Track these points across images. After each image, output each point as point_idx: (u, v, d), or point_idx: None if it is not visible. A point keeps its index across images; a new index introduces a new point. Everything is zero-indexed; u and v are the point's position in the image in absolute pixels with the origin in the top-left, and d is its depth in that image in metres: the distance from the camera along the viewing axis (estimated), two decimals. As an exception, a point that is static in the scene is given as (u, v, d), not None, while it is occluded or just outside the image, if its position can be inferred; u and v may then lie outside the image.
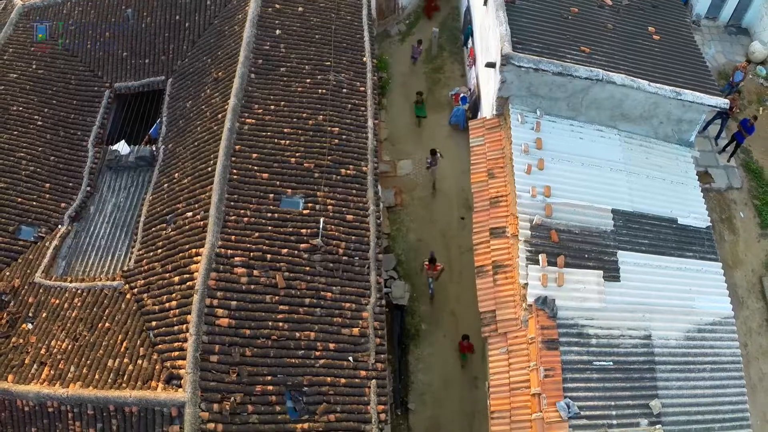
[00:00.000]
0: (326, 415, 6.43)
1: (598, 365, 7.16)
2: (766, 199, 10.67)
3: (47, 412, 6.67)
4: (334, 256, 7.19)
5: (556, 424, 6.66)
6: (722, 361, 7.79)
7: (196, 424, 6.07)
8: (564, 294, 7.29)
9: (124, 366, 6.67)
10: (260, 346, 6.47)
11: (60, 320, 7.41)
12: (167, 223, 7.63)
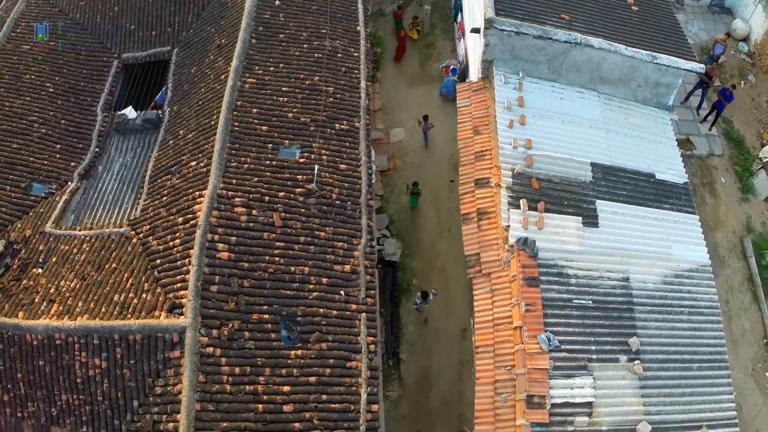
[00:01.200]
0: (318, 344, 7.03)
1: (578, 303, 7.76)
2: (746, 166, 11.34)
3: (55, 344, 7.29)
4: (328, 200, 7.87)
5: (537, 356, 7.23)
6: (700, 306, 8.37)
7: (195, 348, 6.67)
8: (544, 237, 7.93)
9: (129, 300, 7.30)
10: (257, 278, 7.09)
11: (69, 263, 8.08)
12: (172, 174, 8.33)
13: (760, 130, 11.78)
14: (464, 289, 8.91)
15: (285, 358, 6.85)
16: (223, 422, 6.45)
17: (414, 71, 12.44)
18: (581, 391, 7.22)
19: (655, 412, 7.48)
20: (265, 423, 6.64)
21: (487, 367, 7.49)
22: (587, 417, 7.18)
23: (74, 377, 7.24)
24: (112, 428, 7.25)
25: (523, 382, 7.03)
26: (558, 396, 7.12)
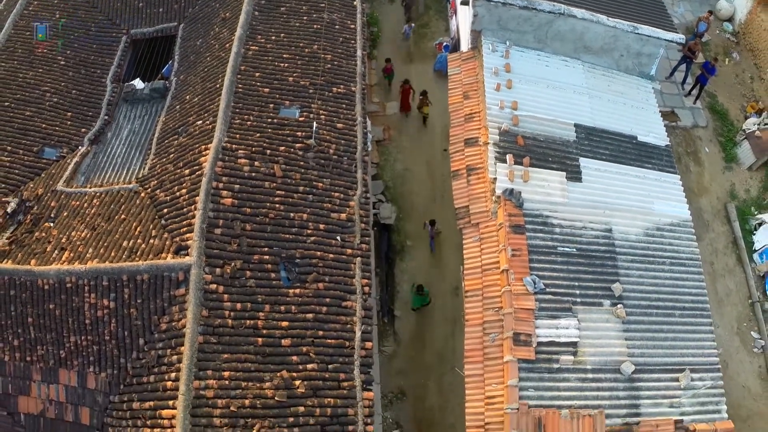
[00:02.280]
0: (316, 284, 7.63)
1: (562, 251, 8.34)
2: (730, 136, 12.04)
3: (65, 287, 7.90)
4: (326, 154, 8.55)
5: (523, 297, 7.78)
6: (681, 257, 8.96)
7: (199, 285, 7.27)
8: (529, 189, 8.54)
9: (137, 245, 7.92)
10: (259, 223, 7.73)
11: (80, 217, 8.72)
12: (179, 134, 9.03)
13: (743, 104, 12.50)
14: (456, 250, 9.47)
15: (284, 296, 7.45)
16: (224, 354, 7.07)
17: (409, 49, 13.24)
18: (566, 332, 7.78)
19: (639, 354, 8.01)
20: (264, 355, 7.19)
21: (476, 309, 8.06)
22: (572, 356, 7.72)
23: (83, 319, 7.84)
24: (118, 367, 7.83)
25: (510, 321, 7.58)
26: (543, 335, 7.66)
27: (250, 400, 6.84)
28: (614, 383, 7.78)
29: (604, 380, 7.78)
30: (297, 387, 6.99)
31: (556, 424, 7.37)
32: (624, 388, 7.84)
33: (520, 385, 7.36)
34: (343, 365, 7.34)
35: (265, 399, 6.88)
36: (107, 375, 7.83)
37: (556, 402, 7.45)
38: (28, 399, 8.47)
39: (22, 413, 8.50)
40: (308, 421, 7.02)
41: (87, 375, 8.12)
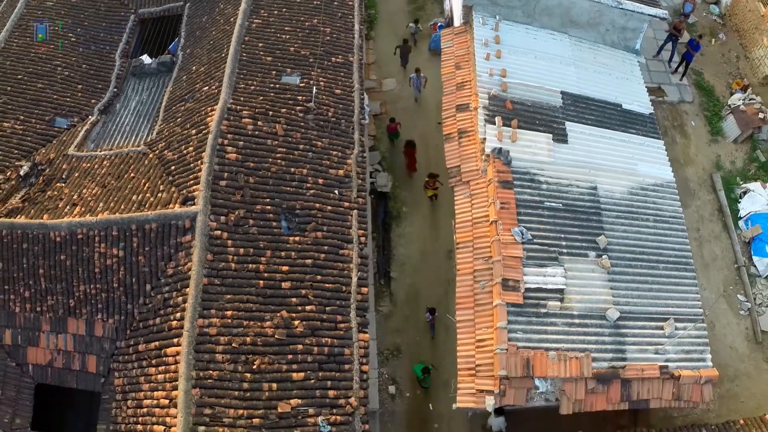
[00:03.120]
0: (314, 233, 8.24)
1: (549, 205, 9.00)
2: (716, 111, 12.73)
3: (76, 239, 8.50)
4: (324, 117, 9.26)
5: (511, 245, 8.41)
6: (664, 215, 9.64)
7: (205, 231, 7.88)
8: (517, 149, 9.25)
9: (146, 198, 8.55)
10: (261, 176, 8.37)
11: (90, 176, 9.38)
12: (186, 101, 9.74)
13: (729, 81, 13.22)
14: (451, 216, 10.07)
15: (284, 243, 8.06)
16: (227, 295, 7.64)
17: (405, 29, 13.97)
18: (553, 279, 8.38)
19: (624, 303, 8.61)
20: (265, 297, 7.77)
21: (467, 259, 8.67)
22: (559, 302, 8.32)
23: (93, 268, 8.42)
24: (125, 313, 8.42)
25: (499, 268, 8.18)
26: (531, 282, 8.26)
27: (251, 338, 7.41)
28: (600, 329, 8.38)
29: (590, 326, 8.38)
30: (296, 327, 7.56)
31: (544, 364, 7.92)
32: (610, 334, 8.43)
33: (508, 327, 7.96)
34: (340, 308, 7.91)
35: (265, 337, 7.45)
36: (114, 321, 8.41)
37: (544, 344, 8.03)
38: (36, 350, 9.03)
39: (31, 364, 9.05)
40: (306, 358, 7.56)
41: (95, 323, 8.71)
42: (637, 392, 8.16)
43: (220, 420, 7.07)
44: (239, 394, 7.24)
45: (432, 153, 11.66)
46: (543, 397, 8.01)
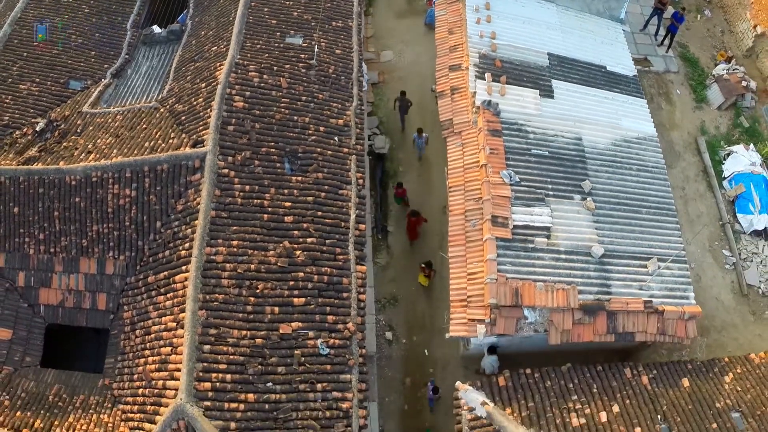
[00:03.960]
0: (315, 174, 9.05)
1: (536, 153, 9.82)
2: (700, 80, 13.67)
3: (91, 182, 9.32)
4: (325, 73, 10.17)
5: (500, 186, 9.20)
6: (647, 166, 10.47)
7: (214, 169, 8.70)
8: (506, 102, 10.15)
9: (158, 145, 9.40)
10: (266, 123, 9.24)
11: (104, 129, 10.24)
12: (195, 61, 10.66)
13: (713, 54, 14.21)
14: (445, 177, 10.85)
15: (287, 182, 8.87)
16: (233, 226, 8.38)
17: (402, 6, 15.03)
18: (540, 218, 9.15)
19: (608, 242, 9.37)
20: (269, 229, 8.55)
21: (458, 201, 9.44)
22: (546, 238, 9.07)
23: (106, 208, 9.22)
24: (135, 249, 9.19)
25: (489, 206, 8.96)
26: (519, 220, 9.03)
27: (255, 265, 8.17)
28: (585, 264, 9.13)
29: (576, 261, 9.13)
30: (297, 256, 8.32)
31: (532, 294, 8.63)
32: (595, 270, 9.17)
33: (498, 260, 8.70)
34: (339, 241, 8.68)
35: (268, 264, 8.21)
36: (125, 257, 9.17)
37: (532, 277, 8.76)
38: (48, 291, 9.77)
39: (42, 305, 9.79)
40: (307, 285, 8.30)
41: (106, 261, 9.47)
42: (622, 325, 8.85)
43: (225, 340, 7.77)
44: (243, 316, 7.97)
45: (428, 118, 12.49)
46: (532, 328, 8.70)
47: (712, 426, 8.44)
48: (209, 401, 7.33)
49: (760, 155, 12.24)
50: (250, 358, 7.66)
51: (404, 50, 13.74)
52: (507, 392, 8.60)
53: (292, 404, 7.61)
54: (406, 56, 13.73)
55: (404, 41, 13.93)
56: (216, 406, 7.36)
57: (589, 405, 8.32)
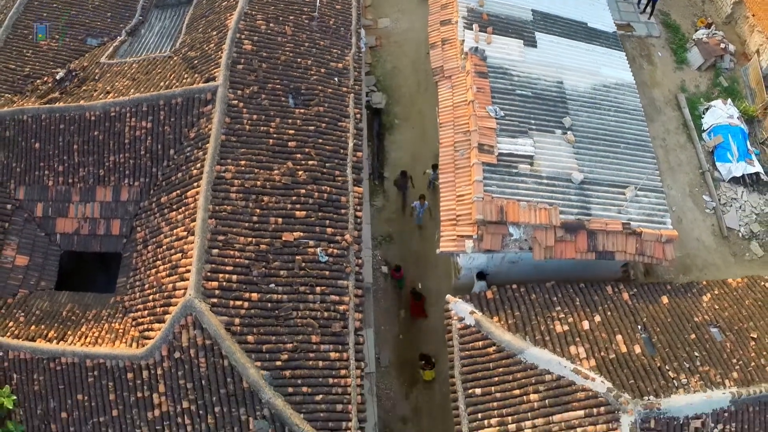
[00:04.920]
0: (317, 107, 10.27)
1: (520, 93, 11.06)
2: (681, 44, 15.16)
3: (110, 116, 10.56)
4: (326, 24, 11.53)
5: (486, 119, 10.40)
6: (625, 107, 11.75)
7: (224, 100, 9.93)
8: (492, 49, 11.51)
9: (172, 84, 10.67)
10: (272, 63, 10.56)
11: (121, 75, 11.52)
12: (206, 16, 12.03)
13: (694, 20, 15.71)
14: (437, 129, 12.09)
15: (291, 113, 10.12)
16: (241, 149, 9.51)
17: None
18: (523, 147, 10.32)
19: (588, 171, 10.53)
20: (274, 152, 9.73)
21: (448, 134, 10.62)
22: (529, 165, 10.22)
23: (123, 140, 10.42)
24: (150, 175, 10.34)
25: (476, 136, 10.14)
26: (504, 149, 10.21)
27: (261, 182, 9.32)
28: (566, 189, 10.27)
29: (558, 186, 10.26)
30: (300, 175, 9.46)
31: (516, 211, 9.72)
32: (575, 194, 10.30)
33: (484, 182, 9.85)
34: (338, 165, 9.85)
35: (273, 181, 9.36)
36: (140, 183, 10.32)
37: (515, 197, 9.86)
38: (65, 220, 10.87)
39: (59, 233, 10.87)
40: (308, 201, 9.43)
41: (121, 188, 10.60)
42: (602, 244, 9.89)
43: (232, 245, 8.85)
44: (249, 225, 9.10)
45: (422, 77, 13.93)
46: (517, 245, 9.74)
47: (690, 336, 9.42)
48: (216, 299, 8.38)
49: (738, 109, 13.57)
50: (254, 261, 8.75)
51: (400, 18, 15.26)
52: (494, 304, 9.62)
53: (293, 304, 8.67)
54: (402, 24, 15.25)
55: (400, 10, 15.48)
56: (222, 303, 8.42)
57: (572, 315, 9.34)
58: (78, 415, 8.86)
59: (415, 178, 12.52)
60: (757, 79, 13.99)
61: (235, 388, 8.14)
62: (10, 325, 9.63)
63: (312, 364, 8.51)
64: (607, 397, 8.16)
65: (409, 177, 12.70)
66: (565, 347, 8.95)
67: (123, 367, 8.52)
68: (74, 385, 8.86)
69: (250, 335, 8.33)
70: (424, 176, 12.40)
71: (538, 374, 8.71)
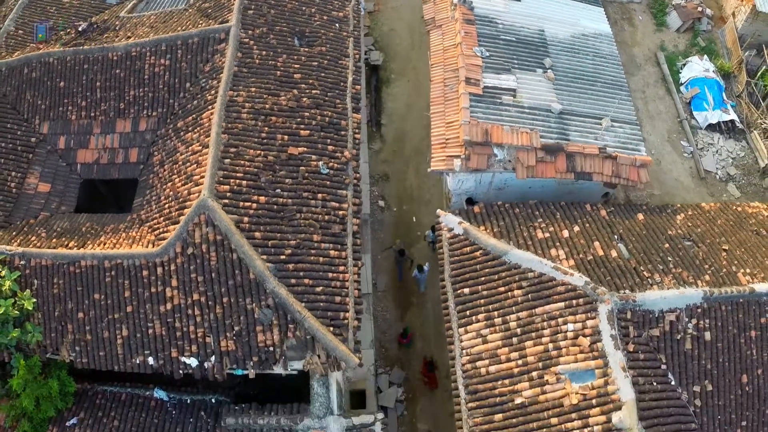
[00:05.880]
0: (319, 47, 11.85)
1: (504, 38, 12.66)
2: (661, 8, 17.02)
3: (131, 56, 12.15)
4: (328, -22, 13.35)
5: (472, 57, 11.93)
6: (603, 54, 13.37)
7: (237, 39, 11.54)
8: (478, 2, 13.14)
9: (188, 29, 12.30)
10: (280, 10, 12.30)
11: (140, 24, 13.16)
12: (216, -22, 13.83)
13: (673, -10, 17.59)
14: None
15: (296, 51, 11.71)
16: (251, 78, 10.99)
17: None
18: (506, 82, 11.86)
19: (566, 104, 11.98)
20: (281, 82, 11.25)
21: (438, 73, 12.18)
22: (512, 97, 11.68)
23: (143, 76, 11.99)
24: (167, 106, 11.79)
25: (463, 71, 11.72)
26: (489, 82, 11.75)
27: (269, 105, 10.80)
28: (546, 118, 11.80)
29: (538, 115, 11.76)
30: (304, 101, 10.91)
31: (500, 134, 11.15)
32: (555, 122, 11.78)
33: (471, 109, 11.32)
34: (338, 95, 11.39)
35: (280, 105, 10.83)
36: (157, 113, 11.78)
37: (500, 123, 11.27)
38: (86, 151, 12.34)
39: (79, 163, 12.27)
40: (311, 122, 10.91)
41: (140, 119, 12.09)
42: (580, 165, 11.31)
43: (242, 156, 10.26)
44: (258, 140, 10.58)
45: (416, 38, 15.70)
46: (501, 165, 11.11)
47: (664, 245, 10.66)
48: (227, 200, 9.75)
49: (715, 66, 15.21)
50: (262, 170, 10.15)
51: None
52: (481, 217, 10.98)
53: (297, 207, 9.99)
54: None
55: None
56: (232, 204, 9.80)
57: (553, 225, 10.70)
58: (94, 314, 10.10)
59: (410, 138, 14.05)
60: (732, 39, 15.72)
61: (242, 280, 9.42)
62: (33, 239, 10.98)
63: (313, 260, 9.85)
64: (586, 289, 9.40)
65: (408, 257, 12.82)
66: (546, 250, 10.24)
67: (139, 265, 9.81)
68: (92, 285, 10.14)
69: (257, 232, 9.68)
70: (424, 240, 12.93)
71: (521, 272, 9.96)
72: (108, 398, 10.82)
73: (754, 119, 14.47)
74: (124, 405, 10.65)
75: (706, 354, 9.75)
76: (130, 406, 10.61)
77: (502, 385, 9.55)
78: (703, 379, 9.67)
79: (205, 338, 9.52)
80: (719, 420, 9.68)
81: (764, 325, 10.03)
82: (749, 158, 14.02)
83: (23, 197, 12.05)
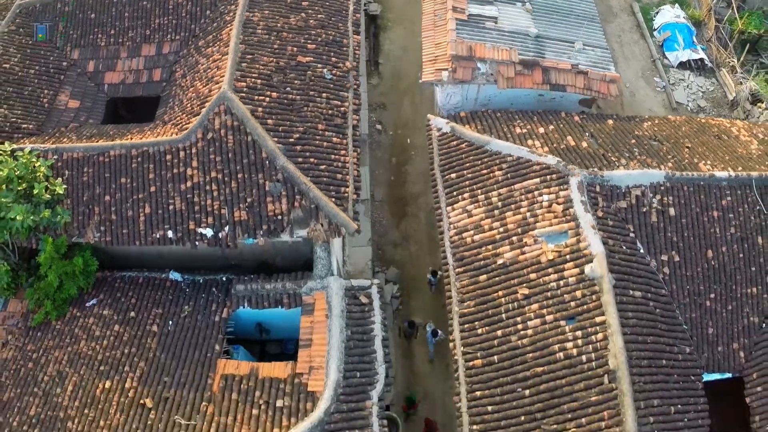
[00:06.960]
0: (321, 0, 14.21)
1: None
2: None
3: (160, -6, 14.43)
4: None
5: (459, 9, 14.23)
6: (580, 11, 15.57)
7: None
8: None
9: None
10: (287, -40, 14.66)
11: (163, -28, 15.65)
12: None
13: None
14: None
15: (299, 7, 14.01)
16: (265, 3, 13.25)
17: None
18: (489, 12, 14.26)
19: (543, 30, 14.14)
20: (291, 8, 13.43)
21: (429, 8, 14.55)
22: (494, 23, 13.89)
23: (167, 5, 14.43)
24: (188, 31, 14.00)
25: (450, 1, 14.00)
26: (473, 11, 14.10)
27: (281, 23, 13.04)
28: (524, 40, 14.12)
29: (517, 37, 14.06)
30: (311, 22, 13.17)
31: (482, 50, 13.37)
32: (532, 44, 14.04)
33: (457, 31, 13.57)
34: (341, 19, 13.74)
35: (290, 24, 13.09)
36: (180, 38, 13.98)
37: (482, 42, 13.44)
38: (113, 73, 14.51)
39: (107, 84, 14.36)
40: (317, 39, 13.22)
41: (164, 43, 14.25)
42: (555, 78, 13.42)
43: (257, 62, 12.38)
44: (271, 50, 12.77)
45: None
46: (484, 78, 13.18)
47: (631, 141, 12.60)
48: (243, 94, 11.80)
49: (686, 14, 17.61)
50: (275, 72, 12.22)
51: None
52: (466, 119, 13.03)
53: (304, 102, 12.01)
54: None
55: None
56: (248, 97, 11.90)
57: (530, 124, 12.79)
58: (120, 196, 11.96)
59: (405, 75, 16.29)
60: (702, -8, 18.30)
61: (255, 158, 11.36)
62: (64, 140, 12.96)
63: (318, 144, 11.84)
64: (558, 167, 11.35)
65: (417, 328, 13.30)
66: (523, 141, 12.27)
67: (163, 151, 11.78)
68: (119, 171, 12.08)
69: (269, 119, 11.71)
70: (427, 283, 13.64)
71: (501, 157, 11.95)
72: (126, 282, 12.54)
73: (723, 59, 16.75)
74: (141, 286, 12.38)
75: (672, 228, 11.54)
76: (147, 287, 12.33)
77: (485, 251, 11.34)
78: (670, 250, 11.40)
79: (221, 210, 11.36)
80: (688, 290, 11.36)
81: (725, 207, 11.89)
82: (718, 92, 16.22)
83: (54, 111, 14.21)
